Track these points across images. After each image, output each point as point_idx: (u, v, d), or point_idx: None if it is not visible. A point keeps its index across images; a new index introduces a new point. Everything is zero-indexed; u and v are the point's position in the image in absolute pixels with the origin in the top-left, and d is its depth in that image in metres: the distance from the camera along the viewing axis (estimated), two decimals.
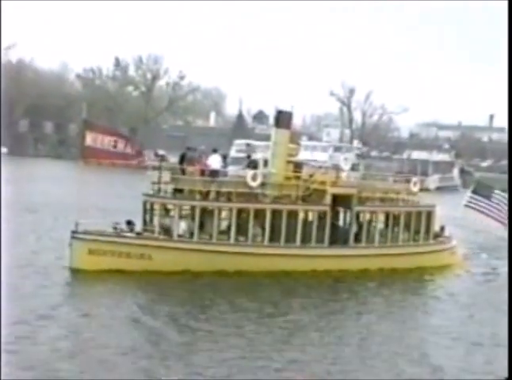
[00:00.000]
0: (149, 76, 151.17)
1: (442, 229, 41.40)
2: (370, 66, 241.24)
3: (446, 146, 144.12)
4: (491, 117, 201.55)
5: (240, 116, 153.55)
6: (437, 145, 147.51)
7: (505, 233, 44.14)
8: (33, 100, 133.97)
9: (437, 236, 40.56)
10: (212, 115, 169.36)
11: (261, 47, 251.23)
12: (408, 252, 38.62)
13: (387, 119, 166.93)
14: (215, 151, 36.99)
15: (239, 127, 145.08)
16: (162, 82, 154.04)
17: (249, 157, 39.66)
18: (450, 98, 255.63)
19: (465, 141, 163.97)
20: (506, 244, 45.26)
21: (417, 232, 39.15)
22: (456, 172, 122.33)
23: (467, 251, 44.73)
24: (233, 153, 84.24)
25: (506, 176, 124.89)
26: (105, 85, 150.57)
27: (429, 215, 39.54)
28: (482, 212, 42.13)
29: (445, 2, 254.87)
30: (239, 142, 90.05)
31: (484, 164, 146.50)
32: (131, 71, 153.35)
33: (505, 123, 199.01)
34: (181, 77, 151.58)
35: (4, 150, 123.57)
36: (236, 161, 66.18)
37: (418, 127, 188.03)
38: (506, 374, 20.61)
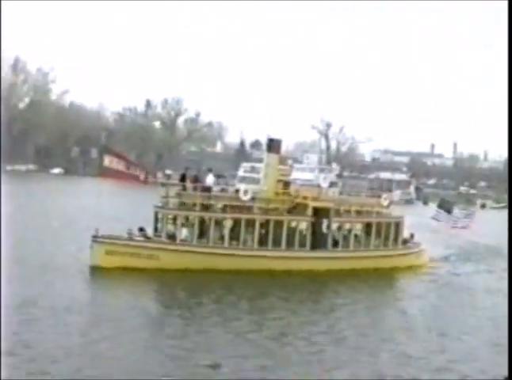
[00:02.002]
0: (172, 113, 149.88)
1: (412, 236, 38.26)
2: (343, 100, 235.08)
3: (404, 168, 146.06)
4: (432, 146, 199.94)
5: (242, 144, 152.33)
6: (393, 167, 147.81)
7: (472, 237, 42.77)
8: (83, 132, 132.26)
9: (405, 242, 37.42)
10: (218, 143, 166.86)
11: (252, 87, 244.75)
12: (378, 255, 35.62)
13: (354, 146, 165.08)
14: (209, 171, 34.13)
15: (241, 152, 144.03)
16: (182, 118, 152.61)
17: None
18: (401, 129, 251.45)
19: (414, 164, 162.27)
20: (475, 247, 42.86)
21: (387, 238, 36.09)
22: (412, 188, 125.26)
23: (445, 252, 43.17)
24: (241, 173, 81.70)
25: (446, 192, 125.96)
26: (138, 121, 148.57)
27: (398, 225, 36.61)
28: (444, 222, 39.20)
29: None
30: (246, 165, 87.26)
31: (430, 182, 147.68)
32: (159, 109, 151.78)
33: (443, 150, 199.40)
34: (197, 115, 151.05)
35: (61, 170, 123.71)
36: (243, 179, 64.10)
37: (374, 152, 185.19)
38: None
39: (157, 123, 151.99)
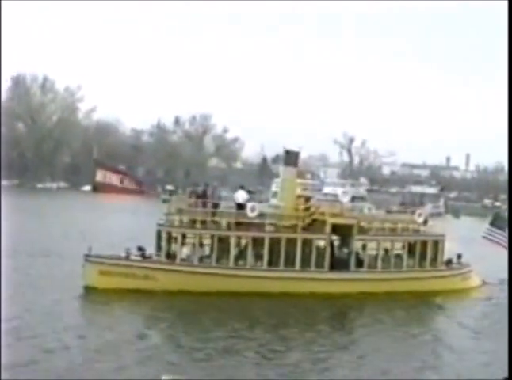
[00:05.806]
0: (200, 130, 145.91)
1: (459, 256, 32.66)
2: (353, 112, 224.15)
3: (433, 182, 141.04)
4: (448, 158, 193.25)
5: (264, 160, 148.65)
6: (415, 181, 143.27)
7: None
8: (111, 149, 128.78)
9: (449, 262, 32.06)
10: (240, 159, 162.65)
11: (267, 102, 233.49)
12: (412, 277, 30.28)
13: (372, 160, 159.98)
14: (241, 188, 30.26)
15: (264, 167, 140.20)
16: (210, 135, 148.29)
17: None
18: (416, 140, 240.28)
19: (433, 178, 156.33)
20: None
21: (423, 258, 30.79)
22: (442, 201, 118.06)
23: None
24: (274, 188, 77.60)
25: (469, 205, 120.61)
26: (166, 137, 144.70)
27: (437, 243, 31.19)
28: (498, 243, 33.43)
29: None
30: (278, 180, 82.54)
31: (451, 195, 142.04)
32: (187, 126, 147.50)
33: (458, 163, 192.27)
34: (225, 131, 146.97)
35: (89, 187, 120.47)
36: (277, 194, 59.93)
37: (391, 166, 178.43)
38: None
39: (185, 140, 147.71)
